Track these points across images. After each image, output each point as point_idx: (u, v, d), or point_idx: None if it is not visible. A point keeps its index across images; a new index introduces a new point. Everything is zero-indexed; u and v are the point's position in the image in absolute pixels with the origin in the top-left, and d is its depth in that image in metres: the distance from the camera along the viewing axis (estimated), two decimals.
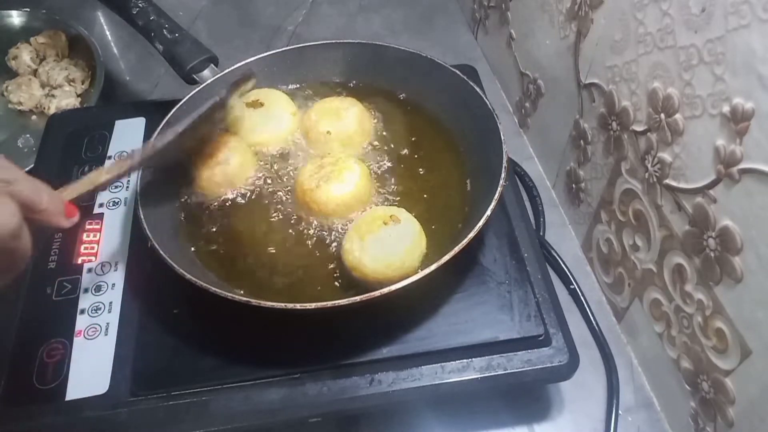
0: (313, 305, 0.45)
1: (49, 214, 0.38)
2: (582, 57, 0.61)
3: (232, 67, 0.64)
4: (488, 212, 0.49)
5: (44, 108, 0.80)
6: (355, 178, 0.55)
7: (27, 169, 0.68)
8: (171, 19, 0.64)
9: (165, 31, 0.63)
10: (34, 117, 0.81)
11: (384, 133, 0.63)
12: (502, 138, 0.55)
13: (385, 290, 0.45)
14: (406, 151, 0.61)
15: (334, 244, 0.54)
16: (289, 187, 0.58)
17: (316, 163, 0.57)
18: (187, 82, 0.63)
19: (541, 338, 0.51)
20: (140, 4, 0.64)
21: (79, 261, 0.56)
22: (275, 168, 0.60)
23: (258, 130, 0.61)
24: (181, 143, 0.53)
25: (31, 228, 0.36)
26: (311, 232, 0.55)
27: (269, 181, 0.59)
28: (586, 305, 0.63)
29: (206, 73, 0.63)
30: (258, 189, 0.58)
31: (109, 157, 0.64)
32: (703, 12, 0.42)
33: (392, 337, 0.51)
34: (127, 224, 0.59)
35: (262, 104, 0.62)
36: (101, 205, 0.60)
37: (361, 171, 0.56)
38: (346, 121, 0.60)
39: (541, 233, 0.69)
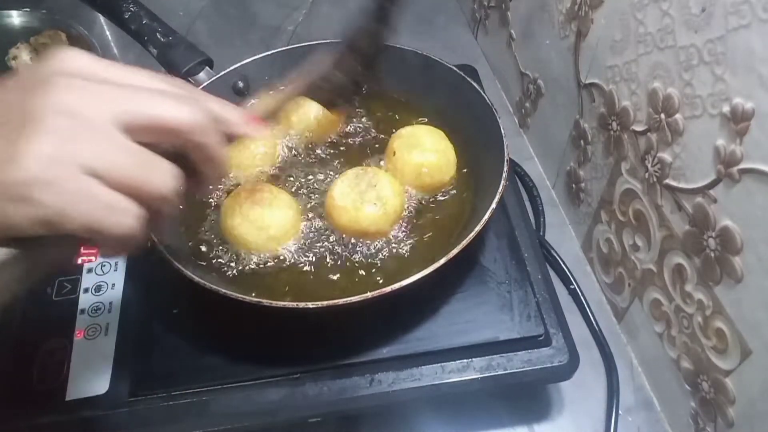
0: (325, 303, 0.45)
1: (236, 124, 0.38)
2: (582, 57, 0.61)
3: (230, 68, 0.64)
4: (489, 212, 0.49)
5: None
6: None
7: None
8: (163, 22, 0.64)
9: (158, 35, 0.62)
10: None
11: (381, 135, 0.63)
12: (503, 132, 0.55)
13: (396, 285, 0.45)
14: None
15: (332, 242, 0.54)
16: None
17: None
18: None
19: (541, 338, 0.51)
20: (132, 8, 0.63)
21: (79, 261, 0.56)
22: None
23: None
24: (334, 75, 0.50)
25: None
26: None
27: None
28: (586, 305, 0.63)
29: (202, 75, 0.62)
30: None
31: None
32: (703, 12, 0.42)
33: (392, 337, 0.51)
34: None
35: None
36: None
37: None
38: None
39: (541, 233, 0.69)
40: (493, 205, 0.50)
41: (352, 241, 0.54)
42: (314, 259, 0.53)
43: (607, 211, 0.61)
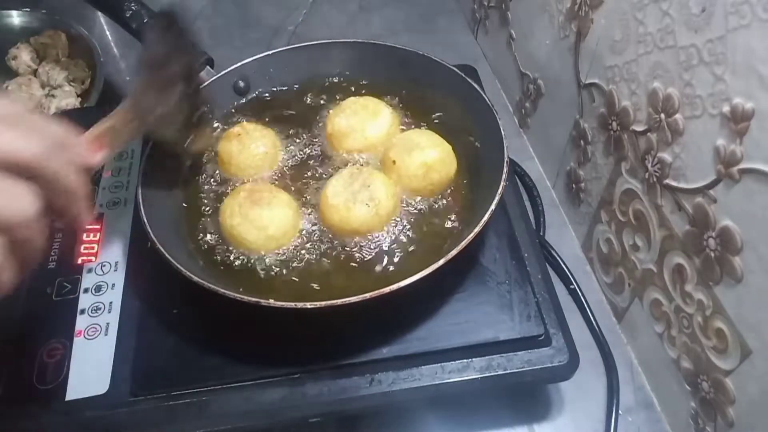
0: (324, 303, 0.45)
1: (78, 151, 0.37)
2: (582, 57, 0.61)
3: (230, 68, 0.64)
4: (489, 212, 0.49)
5: (44, 108, 0.79)
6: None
7: None
8: None
9: None
10: None
11: None
12: (503, 132, 0.55)
13: (395, 286, 0.45)
14: None
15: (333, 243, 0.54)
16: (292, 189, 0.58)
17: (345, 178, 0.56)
18: None
19: (541, 338, 0.51)
20: (133, 7, 0.63)
21: (79, 261, 0.56)
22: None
23: None
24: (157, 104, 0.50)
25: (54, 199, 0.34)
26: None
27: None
28: (586, 305, 0.63)
29: (202, 75, 0.63)
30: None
31: None
32: (703, 12, 0.42)
33: (392, 337, 0.51)
34: (127, 224, 0.59)
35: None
36: (101, 205, 0.60)
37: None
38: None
39: (541, 233, 0.69)
40: (493, 206, 0.50)
41: (353, 240, 0.54)
42: (314, 258, 0.53)
43: (607, 211, 0.61)
